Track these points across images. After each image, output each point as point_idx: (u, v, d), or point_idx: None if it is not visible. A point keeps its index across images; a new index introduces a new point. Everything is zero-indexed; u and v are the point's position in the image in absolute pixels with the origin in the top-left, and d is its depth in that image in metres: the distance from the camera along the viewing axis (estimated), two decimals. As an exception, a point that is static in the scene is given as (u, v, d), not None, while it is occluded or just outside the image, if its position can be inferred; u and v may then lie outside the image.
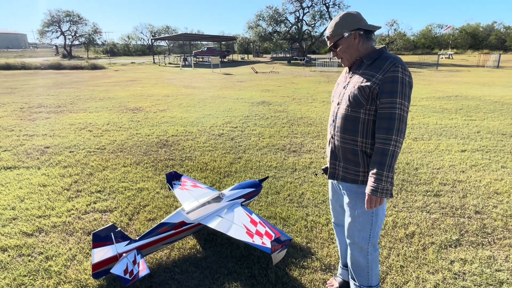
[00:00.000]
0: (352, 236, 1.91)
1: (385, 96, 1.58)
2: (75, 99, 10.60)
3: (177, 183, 3.29)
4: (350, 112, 1.72)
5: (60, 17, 50.49)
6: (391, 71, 1.57)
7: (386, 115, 1.59)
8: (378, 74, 1.61)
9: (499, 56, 25.73)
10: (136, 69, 26.51)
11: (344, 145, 1.78)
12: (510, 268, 2.51)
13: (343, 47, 1.74)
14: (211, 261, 2.61)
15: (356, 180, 1.79)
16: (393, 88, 1.56)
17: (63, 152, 5.22)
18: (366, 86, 1.63)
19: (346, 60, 1.78)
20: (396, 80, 1.56)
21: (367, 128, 1.69)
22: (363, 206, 1.78)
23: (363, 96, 1.64)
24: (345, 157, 1.80)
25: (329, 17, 39.05)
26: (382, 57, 1.66)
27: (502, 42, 59.01)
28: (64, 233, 2.98)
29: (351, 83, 1.74)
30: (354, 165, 1.77)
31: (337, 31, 1.72)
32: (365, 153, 1.73)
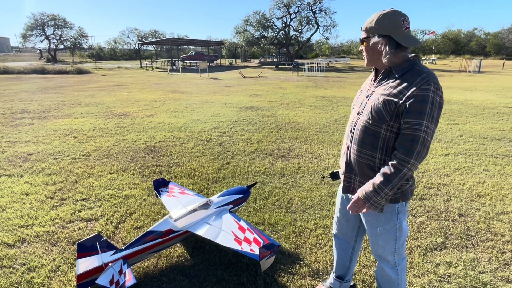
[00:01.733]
0: (377, 251, 1.87)
1: (411, 116, 1.44)
2: (59, 105, 10.39)
3: (165, 190, 3.25)
4: (370, 125, 1.59)
5: (44, 20, 49.56)
6: (422, 89, 1.42)
7: (409, 136, 1.45)
8: (407, 90, 1.46)
9: (480, 61, 26.52)
10: (122, 73, 26.21)
11: (361, 160, 1.67)
12: (493, 270, 2.57)
13: (368, 47, 1.60)
14: (199, 269, 2.58)
15: None
16: (422, 109, 1.42)
17: (47, 159, 5.11)
18: (392, 102, 1.49)
19: (365, 59, 1.66)
20: (426, 100, 1.42)
21: (387, 145, 1.58)
22: (385, 224, 1.72)
23: (387, 111, 1.51)
24: (361, 171, 1.69)
25: (316, 23, 39.54)
26: (414, 70, 1.50)
27: (482, 47, 60.93)
28: (47, 243, 2.91)
29: (376, 93, 1.60)
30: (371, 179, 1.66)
31: (372, 29, 1.55)
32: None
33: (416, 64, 1.52)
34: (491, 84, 16.26)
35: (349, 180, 1.79)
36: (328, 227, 3.18)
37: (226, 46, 51.46)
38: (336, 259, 2.24)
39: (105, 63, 45.01)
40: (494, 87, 15.11)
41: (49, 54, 50.50)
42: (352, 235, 2.09)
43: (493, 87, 14.90)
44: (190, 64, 37.85)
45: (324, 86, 15.80)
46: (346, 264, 2.20)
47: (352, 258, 2.18)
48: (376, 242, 1.82)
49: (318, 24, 39.76)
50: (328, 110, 9.38)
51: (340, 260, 2.20)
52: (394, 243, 1.77)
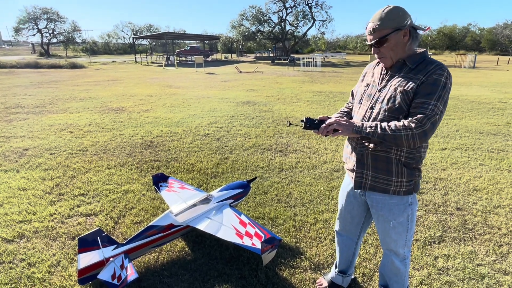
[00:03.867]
0: (388, 245, 1.87)
1: (419, 97, 1.48)
2: (54, 99, 10.28)
3: (164, 185, 3.25)
4: (386, 117, 1.58)
5: (36, 14, 48.81)
6: (436, 74, 1.47)
7: (418, 110, 1.47)
8: (422, 76, 1.50)
9: (475, 57, 26.72)
10: (117, 68, 25.96)
11: (376, 153, 1.65)
12: (491, 262, 2.61)
13: (391, 44, 1.54)
14: (200, 263, 2.59)
15: (387, 189, 1.69)
16: (432, 90, 1.46)
17: (43, 154, 5.06)
18: (409, 92, 1.50)
19: (389, 59, 1.60)
20: (438, 83, 1.46)
21: None
22: (399, 217, 1.73)
23: (405, 102, 1.52)
24: (375, 165, 1.68)
25: (312, 17, 39.43)
26: (426, 61, 1.54)
27: (477, 43, 61.30)
28: (47, 238, 2.89)
29: (390, 86, 1.59)
30: (386, 174, 1.66)
31: (387, 24, 1.51)
32: (400, 162, 1.62)
33: (427, 57, 1.56)
34: (486, 80, 16.37)
35: (361, 176, 1.76)
36: (328, 221, 3.20)
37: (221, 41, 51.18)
38: (339, 255, 2.24)
39: (99, 58, 44.55)
40: (489, 82, 15.23)
41: (42, 48, 49.84)
42: (356, 231, 2.10)
43: (488, 83, 15.01)
44: (186, 59, 37.60)
45: (320, 81, 15.80)
46: (349, 259, 2.22)
47: (354, 253, 2.20)
48: (388, 236, 1.82)
49: (314, 19, 39.67)
50: (325, 105, 9.39)
51: (344, 256, 2.21)
52: (405, 235, 1.79)
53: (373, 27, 1.54)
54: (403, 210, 1.72)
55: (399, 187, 1.67)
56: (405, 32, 1.53)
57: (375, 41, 1.56)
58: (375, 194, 1.76)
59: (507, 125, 6.99)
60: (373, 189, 1.74)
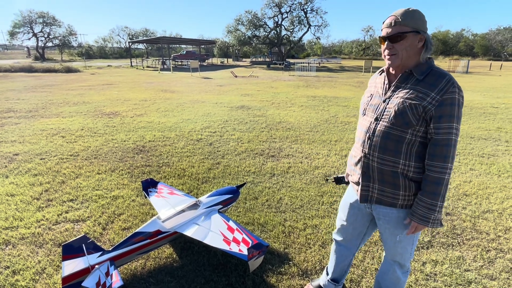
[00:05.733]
0: (394, 257, 1.84)
1: (444, 121, 1.45)
2: (47, 104, 10.22)
3: (153, 191, 3.23)
4: (394, 130, 1.54)
5: (32, 18, 48.68)
6: (450, 92, 1.44)
7: (444, 141, 1.46)
8: (434, 94, 1.45)
9: (468, 62, 26.99)
10: (112, 72, 25.90)
11: (383, 167, 1.61)
12: (478, 267, 2.62)
13: (406, 43, 1.49)
14: (187, 270, 2.57)
15: (394, 203, 1.65)
16: (452, 112, 1.44)
17: (33, 160, 5.01)
18: (419, 105, 1.46)
19: (399, 59, 1.53)
20: (455, 102, 1.44)
21: (411, 149, 1.55)
22: (405, 231, 1.69)
23: (414, 116, 1.48)
24: (381, 178, 1.63)
25: (307, 23, 39.68)
26: (434, 72, 1.50)
27: (470, 48, 62.00)
28: (33, 245, 2.86)
29: (397, 97, 1.55)
30: (393, 187, 1.62)
31: (410, 23, 1.48)
32: (406, 177, 1.58)
33: (433, 66, 1.53)
34: (478, 85, 16.55)
35: (367, 189, 1.71)
36: (317, 226, 3.19)
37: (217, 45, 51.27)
38: (334, 264, 2.20)
39: (95, 62, 44.44)
40: (482, 87, 15.39)
41: (37, 52, 49.61)
42: (356, 242, 2.06)
43: (481, 88, 15.17)
44: (182, 63, 37.62)
45: (315, 86, 15.87)
46: (344, 269, 2.20)
47: (350, 263, 2.19)
48: (394, 249, 1.80)
49: (310, 24, 39.91)
50: (319, 109, 9.43)
51: (339, 265, 2.18)
52: (410, 247, 1.77)
53: (395, 20, 1.49)
54: (409, 224, 1.67)
55: (407, 201, 1.63)
56: (421, 38, 1.50)
57: (392, 35, 1.50)
58: (382, 208, 1.71)
59: (498, 130, 7.06)
60: (380, 202, 1.69)
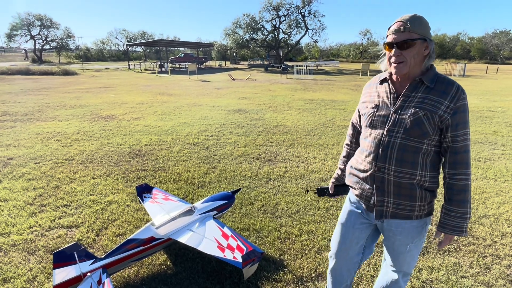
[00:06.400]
0: (401, 267, 1.77)
1: (460, 128, 1.46)
2: (43, 107, 10.17)
3: (148, 196, 3.20)
4: (410, 142, 1.50)
5: (30, 20, 48.64)
6: (462, 99, 1.45)
7: (463, 148, 1.49)
8: (448, 102, 1.45)
9: (465, 65, 27.16)
10: (110, 75, 25.86)
11: (400, 180, 1.54)
12: (474, 274, 2.60)
13: (414, 50, 1.46)
14: (181, 277, 2.54)
15: (410, 216, 1.59)
16: (465, 118, 1.47)
17: (27, 164, 4.97)
18: (435, 114, 1.44)
19: (407, 67, 1.48)
20: (466, 109, 1.47)
21: (426, 159, 1.53)
22: (415, 239, 1.65)
23: (431, 125, 1.46)
24: (398, 192, 1.57)
25: (305, 26, 39.84)
26: (442, 79, 1.50)
27: (467, 52, 62.41)
28: (24, 252, 2.82)
29: (409, 107, 1.50)
30: (409, 199, 1.56)
31: (419, 29, 1.45)
32: (422, 187, 1.56)
33: (438, 73, 1.53)
34: (475, 88, 16.62)
35: (382, 204, 1.62)
36: (313, 232, 3.17)
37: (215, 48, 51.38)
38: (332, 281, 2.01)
39: (93, 64, 44.38)
40: (478, 91, 15.45)
41: (35, 55, 49.54)
42: (357, 259, 1.89)
43: (477, 91, 15.23)
44: (179, 66, 37.62)
45: (312, 89, 15.89)
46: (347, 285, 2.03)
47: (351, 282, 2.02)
48: (403, 259, 1.73)
49: (307, 27, 40.11)
50: (316, 113, 9.43)
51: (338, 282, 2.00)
52: (417, 255, 1.74)
53: (405, 26, 1.44)
54: (420, 231, 1.65)
55: (422, 211, 1.60)
56: (427, 46, 1.48)
57: (401, 41, 1.45)
58: (397, 222, 1.64)
59: (494, 133, 7.07)
60: (395, 216, 1.62)
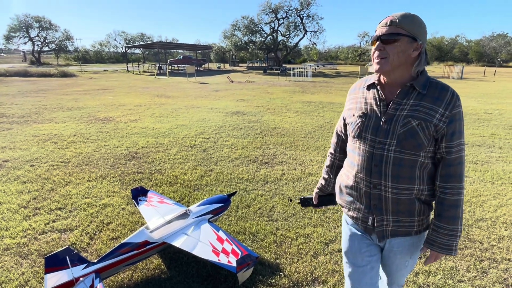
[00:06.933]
0: (399, 282, 1.71)
1: (455, 138, 1.35)
2: (41, 109, 10.13)
3: (143, 199, 3.17)
4: (406, 155, 1.36)
5: (28, 22, 48.62)
6: (457, 106, 1.34)
7: (457, 160, 1.37)
8: (442, 109, 1.32)
9: (462, 68, 27.24)
10: (108, 77, 25.82)
11: (399, 196, 1.41)
12: (471, 278, 2.58)
13: (399, 48, 1.32)
14: (176, 281, 2.51)
15: (409, 232, 1.48)
16: (460, 127, 1.36)
17: (23, 166, 4.93)
18: (430, 124, 1.32)
19: (389, 64, 1.34)
20: (461, 117, 1.36)
21: (423, 172, 1.41)
22: (414, 254, 1.56)
23: (426, 136, 1.33)
24: (397, 209, 1.44)
25: (303, 28, 39.92)
26: (434, 84, 1.37)
27: (465, 54, 62.64)
28: (17, 256, 2.78)
29: (401, 116, 1.36)
30: (408, 215, 1.45)
31: (407, 26, 1.31)
32: (420, 200, 1.44)
33: (430, 77, 1.40)
34: (472, 91, 16.66)
35: (381, 223, 1.48)
36: (310, 236, 3.14)
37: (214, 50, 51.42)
38: None
39: (91, 66, 44.33)
40: (476, 93, 15.49)
41: (33, 57, 49.46)
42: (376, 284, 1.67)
43: (475, 94, 15.27)
44: (178, 68, 37.62)
45: (311, 91, 15.90)
46: None
47: None
48: (401, 275, 1.67)
49: (306, 30, 40.16)
50: (314, 115, 9.42)
51: None
52: (413, 267, 1.65)
53: (392, 20, 1.33)
54: (418, 246, 1.56)
55: (421, 226, 1.49)
56: (417, 47, 1.33)
57: (385, 34, 1.33)
58: (397, 239, 1.52)
59: (491, 136, 7.08)
60: (396, 234, 1.50)
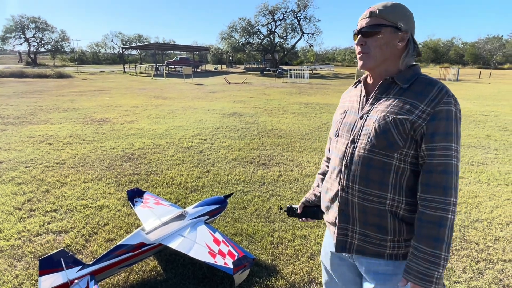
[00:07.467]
0: None
1: (439, 139, 1.11)
2: (36, 110, 10.06)
3: (139, 201, 3.15)
4: (376, 155, 1.18)
5: (24, 23, 48.39)
6: (445, 103, 1.12)
7: (441, 166, 1.10)
8: (424, 105, 1.13)
9: (458, 70, 27.44)
10: (105, 78, 25.73)
11: (365, 203, 1.22)
12: (467, 279, 2.59)
13: (381, 40, 1.19)
14: (172, 283, 2.49)
15: (380, 253, 1.23)
16: (448, 128, 1.11)
17: (18, 168, 4.89)
18: (406, 120, 1.13)
19: (372, 59, 1.22)
20: (451, 116, 1.12)
21: (400, 180, 1.18)
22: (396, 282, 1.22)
23: (400, 135, 1.14)
24: (364, 219, 1.24)
25: (300, 30, 40.02)
26: (422, 79, 1.19)
27: (460, 56, 63.12)
28: (11, 258, 2.75)
29: (377, 111, 1.20)
30: (378, 231, 1.21)
31: (388, 15, 1.18)
32: (396, 216, 1.20)
33: (420, 74, 1.22)
34: (468, 93, 16.77)
35: (345, 233, 1.29)
36: (306, 237, 3.14)
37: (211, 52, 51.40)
38: None
39: (88, 67, 44.16)
40: (471, 95, 15.60)
41: (29, 57, 49.20)
42: None
43: (470, 95, 15.37)
44: (175, 69, 37.57)
45: (308, 93, 15.93)
46: None
47: None
48: None
49: (303, 32, 40.25)
50: (311, 117, 9.43)
51: None
52: None
53: (372, 10, 1.21)
54: (396, 276, 1.23)
55: (397, 249, 1.22)
56: (403, 37, 1.19)
57: (365, 27, 1.21)
58: (366, 259, 1.28)
59: (487, 137, 7.12)
60: (363, 252, 1.27)
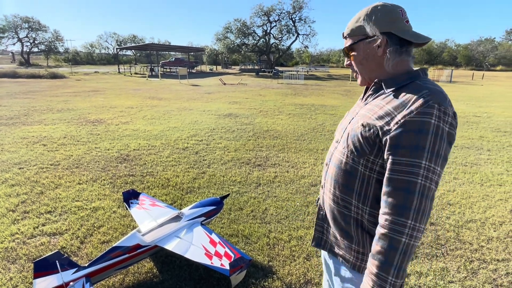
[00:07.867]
0: None
1: (401, 153, 0.96)
2: (30, 110, 9.96)
3: (135, 202, 3.14)
4: (345, 157, 1.13)
5: (17, 23, 47.94)
6: (421, 114, 0.95)
7: (402, 184, 0.96)
8: (397, 112, 0.99)
9: (451, 71, 27.72)
10: (99, 78, 25.56)
11: (334, 205, 1.18)
12: (461, 279, 2.61)
13: (359, 56, 1.13)
14: (168, 285, 2.48)
15: (347, 260, 1.20)
16: (418, 142, 0.94)
17: (11, 169, 4.84)
18: (373, 126, 1.03)
19: (360, 77, 1.19)
20: (426, 129, 0.94)
21: (365, 188, 1.09)
22: None
23: (367, 141, 1.04)
24: (333, 221, 1.21)
25: (295, 31, 40.16)
26: (413, 85, 1.05)
27: (454, 58, 63.77)
28: (5, 261, 2.72)
29: (358, 114, 1.16)
30: (345, 236, 1.18)
31: (355, 30, 1.12)
32: (360, 225, 1.13)
33: (419, 79, 1.09)
34: (461, 94, 16.95)
35: (321, 230, 1.31)
36: (302, 238, 3.15)
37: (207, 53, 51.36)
38: None
39: (82, 68, 43.86)
40: (464, 96, 15.76)
41: (22, 57, 48.74)
42: None
43: (463, 97, 15.53)
44: (170, 70, 37.44)
45: (303, 94, 15.98)
46: None
47: None
48: None
49: (298, 33, 40.39)
50: (306, 118, 9.46)
51: None
52: None
53: (344, 33, 1.17)
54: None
55: (360, 261, 1.16)
56: (378, 43, 1.07)
57: (344, 49, 1.19)
58: (335, 261, 1.28)
59: (480, 138, 7.20)
60: (333, 253, 1.27)
